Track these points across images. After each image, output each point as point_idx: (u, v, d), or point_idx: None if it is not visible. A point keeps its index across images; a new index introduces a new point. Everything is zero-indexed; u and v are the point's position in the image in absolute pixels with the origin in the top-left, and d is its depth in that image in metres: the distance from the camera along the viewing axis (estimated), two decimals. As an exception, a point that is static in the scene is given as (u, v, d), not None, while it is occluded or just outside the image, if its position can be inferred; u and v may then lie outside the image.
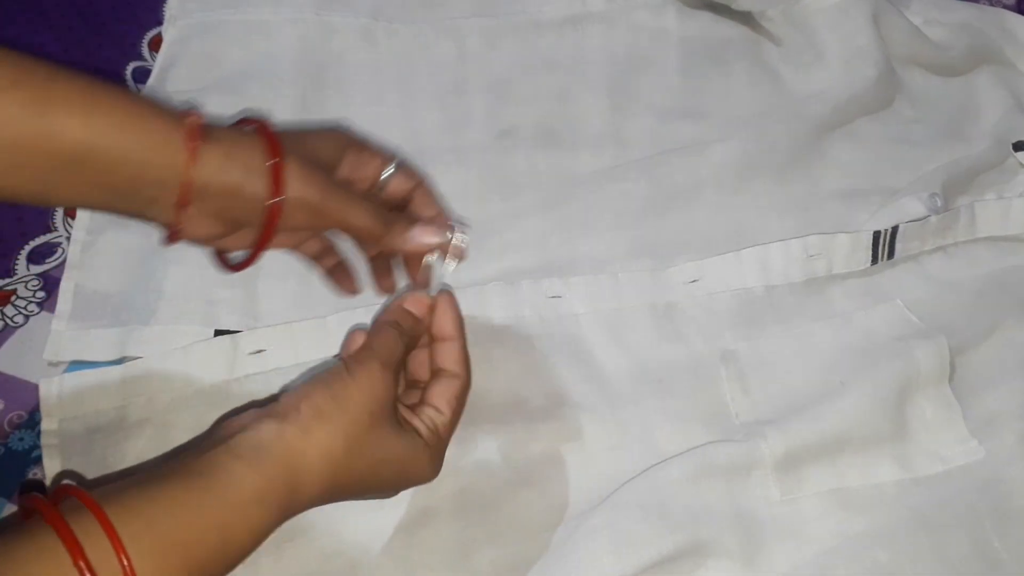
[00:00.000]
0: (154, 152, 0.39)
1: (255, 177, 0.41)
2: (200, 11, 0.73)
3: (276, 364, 0.55)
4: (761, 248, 0.60)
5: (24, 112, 0.37)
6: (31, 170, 0.38)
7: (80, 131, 0.38)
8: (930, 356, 0.55)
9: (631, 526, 0.49)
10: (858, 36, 0.72)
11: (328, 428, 0.39)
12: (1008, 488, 0.52)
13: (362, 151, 0.46)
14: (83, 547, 0.31)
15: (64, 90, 0.38)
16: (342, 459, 0.39)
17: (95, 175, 0.39)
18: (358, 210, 0.44)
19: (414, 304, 0.45)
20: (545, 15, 0.75)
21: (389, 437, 0.41)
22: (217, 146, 0.41)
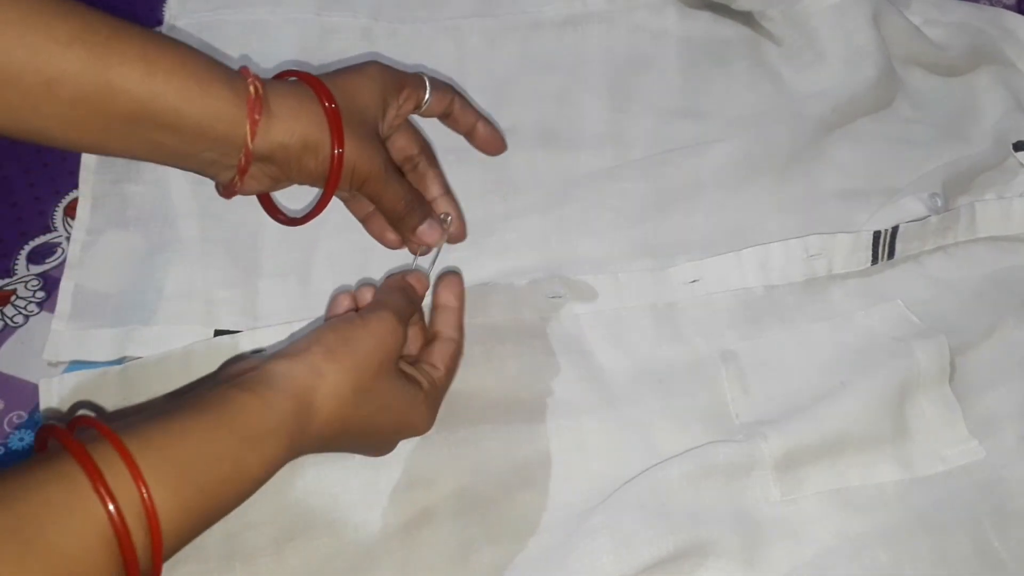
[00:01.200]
0: (215, 119, 0.39)
1: (315, 151, 0.43)
2: (200, 11, 0.73)
3: None
4: (761, 248, 0.60)
5: (85, 68, 0.37)
6: (91, 125, 0.38)
7: (139, 90, 0.38)
8: (930, 356, 0.55)
9: (631, 526, 0.49)
10: (858, 36, 0.72)
11: (337, 367, 0.39)
12: (1008, 488, 0.52)
13: (401, 84, 0.48)
14: (103, 474, 0.31)
15: (125, 47, 0.38)
16: (350, 398, 0.40)
17: (154, 134, 0.39)
18: (392, 194, 0.47)
19: (415, 279, 0.48)
20: (545, 15, 0.75)
21: (394, 384, 0.42)
22: (278, 118, 0.41)
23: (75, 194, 0.63)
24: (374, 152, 0.45)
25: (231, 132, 0.40)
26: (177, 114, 0.39)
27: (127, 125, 0.39)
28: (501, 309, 0.58)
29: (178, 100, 0.39)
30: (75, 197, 0.63)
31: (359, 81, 0.46)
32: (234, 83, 0.41)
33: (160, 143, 0.40)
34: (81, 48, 0.37)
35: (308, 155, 0.43)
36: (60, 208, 0.63)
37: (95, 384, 0.54)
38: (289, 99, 0.43)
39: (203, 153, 0.41)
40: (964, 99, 0.73)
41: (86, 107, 0.37)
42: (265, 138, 0.41)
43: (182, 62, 0.40)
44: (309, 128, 0.43)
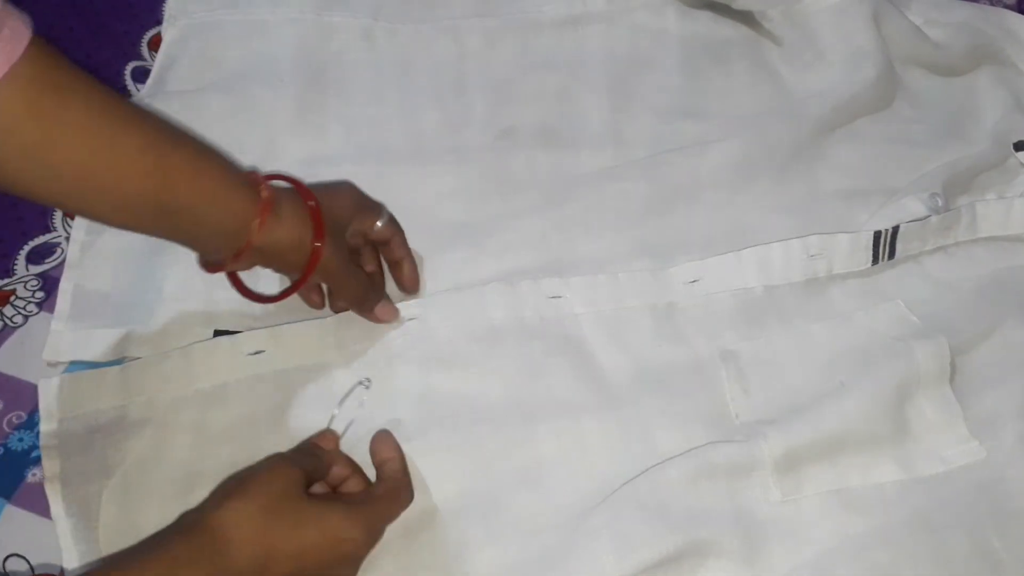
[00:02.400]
0: (235, 219, 0.49)
1: (298, 249, 0.51)
2: (199, 11, 0.73)
3: (275, 365, 0.55)
4: (762, 248, 0.60)
5: (151, 172, 0.46)
6: (139, 214, 0.47)
7: (187, 193, 0.47)
8: (930, 356, 0.55)
9: (631, 527, 0.49)
10: (858, 36, 0.72)
11: (237, 499, 0.44)
12: (1008, 488, 0.52)
13: (363, 208, 0.57)
14: None
15: (182, 159, 0.47)
16: (262, 521, 0.43)
17: (184, 224, 0.48)
18: (354, 285, 0.55)
19: (322, 439, 0.52)
20: (545, 15, 0.75)
21: (305, 504, 0.45)
22: (278, 222, 0.50)
23: (75, 194, 0.63)
24: (341, 252, 0.54)
25: (243, 228, 0.49)
26: (209, 211, 0.48)
27: (167, 215, 0.47)
28: (501, 309, 0.58)
29: (212, 201, 0.48)
30: (75, 197, 0.63)
31: (335, 196, 0.55)
32: (251, 189, 0.50)
33: (184, 230, 0.49)
34: (151, 154, 0.46)
35: (293, 252, 0.51)
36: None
37: (95, 384, 0.53)
38: (289, 205, 0.51)
39: (214, 240, 0.50)
40: (964, 99, 0.73)
41: (143, 200, 0.46)
42: (267, 235, 0.50)
43: (219, 169, 0.49)
44: (301, 230, 0.51)
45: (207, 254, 0.52)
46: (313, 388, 0.55)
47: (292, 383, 0.55)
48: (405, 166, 0.65)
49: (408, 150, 0.67)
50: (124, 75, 0.71)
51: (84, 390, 0.53)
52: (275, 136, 0.66)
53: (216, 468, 0.52)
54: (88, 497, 0.51)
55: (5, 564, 0.50)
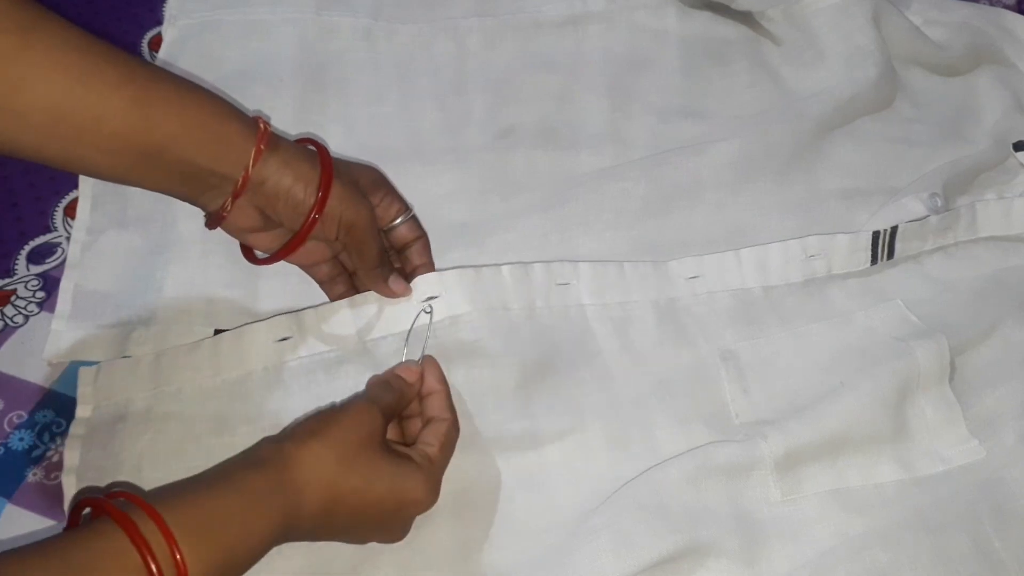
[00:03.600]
0: (228, 150, 0.46)
1: (304, 185, 0.48)
2: (200, 11, 0.73)
3: (299, 353, 0.55)
4: (760, 248, 0.60)
5: (129, 107, 0.43)
6: (124, 156, 0.44)
7: (173, 127, 0.44)
8: (930, 356, 0.55)
9: (631, 527, 0.49)
10: (858, 36, 0.72)
11: (318, 442, 0.44)
12: (1008, 488, 0.52)
13: (387, 194, 0.53)
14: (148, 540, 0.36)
15: (163, 91, 0.44)
16: (334, 466, 0.44)
17: (174, 163, 0.45)
18: (374, 243, 0.51)
19: (404, 370, 0.51)
20: (545, 15, 0.75)
21: (380, 456, 0.46)
22: (278, 153, 0.47)
23: (75, 194, 0.63)
24: (360, 204, 0.50)
25: (238, 162, 0.46)
26: (198, 146, 0.45)
27: (153, 155, 0.44)
28: (516, 293, 0.57)
29: (201, 134, 0.45)
30: (75, 197, 0.63)
31: (356, 166, 0.52)
32: (247, 123, 0.47)
33: (175, 171, 0.46)
34: (127, 89, 0.43)
35: (298, 188, 0.48)
36: (60, 208, 0.63)
37: (129, 373, 0.53)
38: (290, 145, 0.49)
39: (209, 179, 0.47)
40: (964, 99, 0.73)
41: (124, 139, 0.43)
42: (264, 168, 0.47)
43: (207, 103, 0.46)
44: (303, 167, 0.48)
45: (206, 202, 0.49)
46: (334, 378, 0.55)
47: (314, 372, 0.55)
48: (405, 166, 0.65)
49: (408, 150, 0.67)
50: (124, 75, 0.72)
51: (119, 379, 0.53)
52: (275, 136, 0.66)
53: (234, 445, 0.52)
54: (99, 493, 0.51)
55: (5, 564, 0.50)
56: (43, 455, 0.54)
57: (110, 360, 0.55)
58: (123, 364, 0.54)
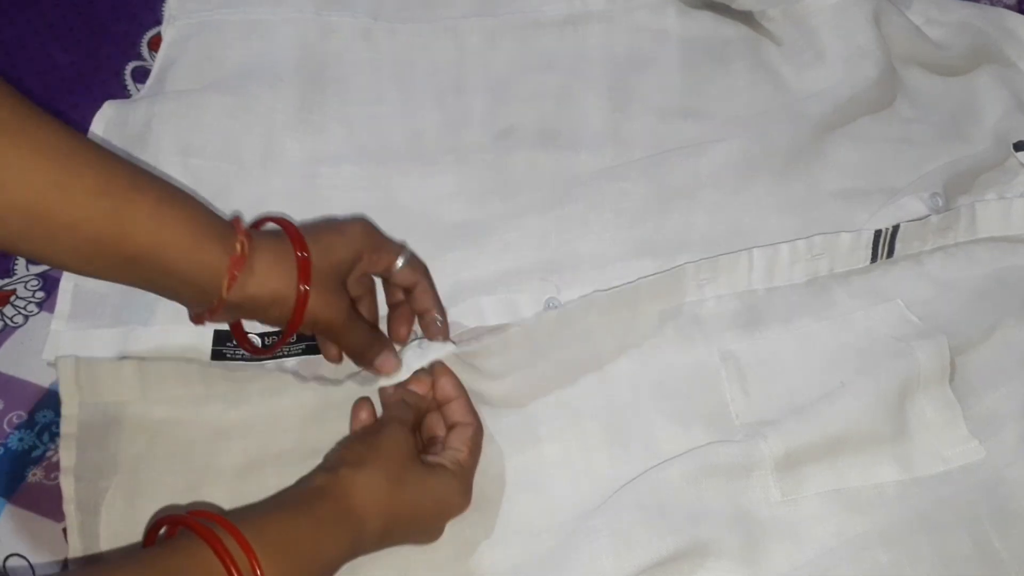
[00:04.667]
0: (202, 271, 0.46)
1: (280, 305, 0.48)
2: (199, 10, 0.73)
3: (294, 362, 0.55)
4: (770, 248, 0.60)
5: (105, 216, 0.43)
6: (99, 260, 0.44)
7: (146, 240, 0.44)
8: (930, 356, 0.55)
9: (631, 527, 0.49)
10: (858, 36, 0.72)
11: (370, 469, 0.46)
12: (1009, 488, 0.52)
13: (378, 248, 0.53)
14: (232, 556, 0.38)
15: (141, 201, 0.44)
16: (388, 489, 0.46)
17: (148, 274, 0.45)
18: (350, 337, 0.52)
19: (416, 384, 0.53)
20: (545, 15, 0.75)
21: (421, 472, 0.48)
22: (254, 276, 0.47)
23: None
24: (336, 303, 0.50)
25: (213, 282, 0.46)
26: (173, 262, 0.45)
27: (128, 263, 0.45)
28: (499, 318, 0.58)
29: (176, 251, 0.45)
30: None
31: (337, 238, 0.51)
32: (225, 239, 0.46)
33: (150, 280, 0.46)
34: (105, 199, 0.43)
35: (274, 307, 0.48)
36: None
37: (113, 375, 0.53)
38: (268, 255, 0.48)
39: (184, 292, 0.47)
40: (964, 99, 0.73)
41: (98, 246, 0.43)
42: (240, 291, 0.47)
43: (185, 218, 0.46)
44: (280, 284, 0.48)
45: (185, 305, 0.49)
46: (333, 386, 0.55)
47: (308, 386, 0.55)
48: (405, 166, 0.65)
49: (408, 150, 0.67)
50: (124, 75, 0.72)
51: (103, 379, 0.53)
52: (275, 136, 0.66)
53: (228, 464, 0.52)
54: (98, 492, 0.51)
55: (5, 564, 0.50)
56: (43, 455, 0.54)
57: (88, 358, 0.54)
58: (106, 365, 0.53)
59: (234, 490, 0.51)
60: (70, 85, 0.71)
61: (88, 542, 0.50)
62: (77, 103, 0.69)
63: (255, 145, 0.65)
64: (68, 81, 0.71)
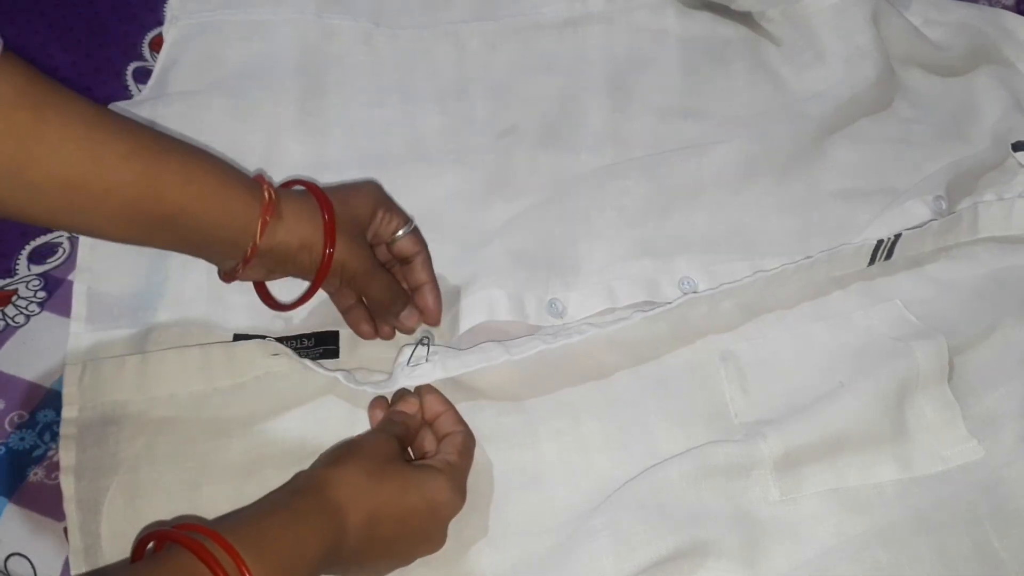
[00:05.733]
0: (234, 220, 0.48)
1: (309, 251, 0.50)
2: (201, 11, 0.73)
3: (294, 365, 0.55)
4: (777, 270, 0.59)
5: (137, 178, 0.45)
6: (134, 223, 0.46)
7: (178, 197, 0.46)
8: (930, 356, 0.55)
9: (631, 527, 0.49)
10: (858, 36, 0.72)
11: (348, 465, 0.46)
12: (1008, 488, 0.52)
13: (388, 211, 0.55)
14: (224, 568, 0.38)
15: (170, 163, 0.46)
16: (368, 483, 0.46)
17: (183, 231, 0.48)
18: (378, 286, 0.54)
19: (404, 404, 0.53)
20: (545, 17, 0.75)
21: (404, 469, 0.48)
22: (283, 221, 0.49)
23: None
24: (362, 252, 0.53)
25: (245, 230, 0.48)
26: (205, 216, 0.47)
27: (162, 223, 0.47)
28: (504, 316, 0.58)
29: (208, 205, 0.47)
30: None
31: (355, 194, 0.54)
32: (253, 190, 0.49)
33: (185, 238, 0.48)
34: (136, 161, 0.45)
35: (304, 253, 0.50)
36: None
37: (115, 372, 0.53)
38: (294, 205, 0.50)
39: (218, 246, 0.49)
40: (964, 99, 0.73)
41: (133, 209, 0.46)
42: (271, 237, 0.49)
43: (214, 172, 0.48)
44: (308, 230, 0.50)
45: (218, 262, 0.51)
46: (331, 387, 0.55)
47: (310, 381, 0.55)
48: (407, 168, 0.65)
49: (410, 154, 0.67)
50: (126, 75, 0.72)
51: (105, 378, 0.53)
52: (277, 138, 0.66)
53: (229, 461, 0.52)
54: (98, 491, 0.51)
55: (6, 564, 0.50)
56: (44, 455, 0.54)
57: (96, 359, 0.55)
58: (109, 364, 0.54)
59: (235, 489, 0.51)
60: (71, 85, 0.70)
61: (89, 541, 0.50)
62: (78, 103, 0.69)
63: (258, 147, 0.66)
64: (69, 81, 0.71)
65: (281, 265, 0.51)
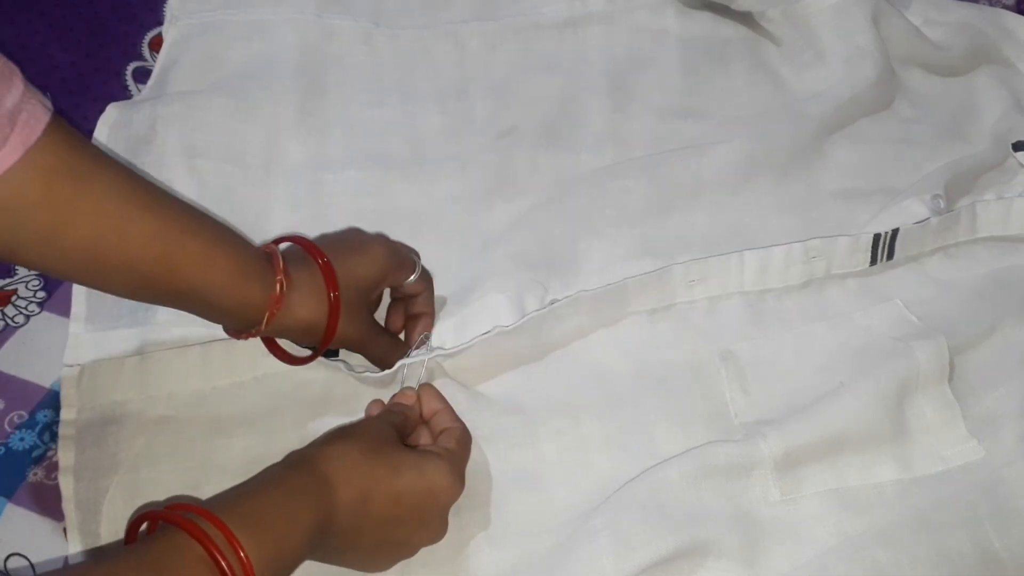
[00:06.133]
0: (244, 307, 0.50)
1: (312, 332, 0.52)
2: (201, 11, 0.73)
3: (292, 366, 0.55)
4: (763, 251, 0.60)
5: (159, 258, 0.47)
6: (149, 292, 0.49)
7: (195, 281, 0.48)
8: (930, 356, 0.55)
9: (631, 527, 0.49)
10: (858, 36, 0.72)
11: (342, 443, 0.47)
12: (1008, 488, 0.52)
13: (396, 270, 0.56)
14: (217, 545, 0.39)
15: (192, 247, 0.48)
16: (362, 459, 0.46)
17: (195, 306, 0.50)
18: (373, 349, 0.56)
19: (402, 396, 0.54)
20: (545, 17, 0.75)
21: (402, 451, 0.48)
22: (290, 310, 0.51)
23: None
24: (360, 323, 0.54)
25: (253, 317, 0.50)
26: (217, 299, 0.49)
27: (175, 297, 0.49)
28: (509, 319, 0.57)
29: (221, 291, 0.49)
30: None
31: (363, 259, 0.55)
32: (265, 279, 0.50)
33: (196, 310, 0.50)
34: (158, 244, 0.47)
35: (307, 335, 0.53)
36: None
37: (113, 374, 0.54)
38: (303, 290, 0.51)
39: (225, 321, 0.52)
40: (964, 99, 0.73)
41: (150, 282, 0.48)
42: (277, 324, 0.51)
43: (232, 260, 0.49)
44: (313, 317, 0.52)
45: (228, 327, 0.53)
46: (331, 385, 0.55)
47: (310, 381, 0.55)
48: (408, 170, 0.65)
49: (410, 154, 0.67)
50: (126, 75, 0.72)
51: (103, 380, 0.53)
52: (277, 138, 0.66)
53: (229, 461, 0.52)
54: (98, 492, 0.51)
55: (6, 563, 0.50)
56: (44, 455, 0.54)
57: (94, 361, 0.54)
58: (108, 365, 0.54)
59: None
60: (70, 85, 0.71)
61: (89, 541, 0.50)
62: (78, 103, 0.70)
63: (258, 147, 0.65)
64: (68, 81, 0.71)
65: (284, 337, 0.54)
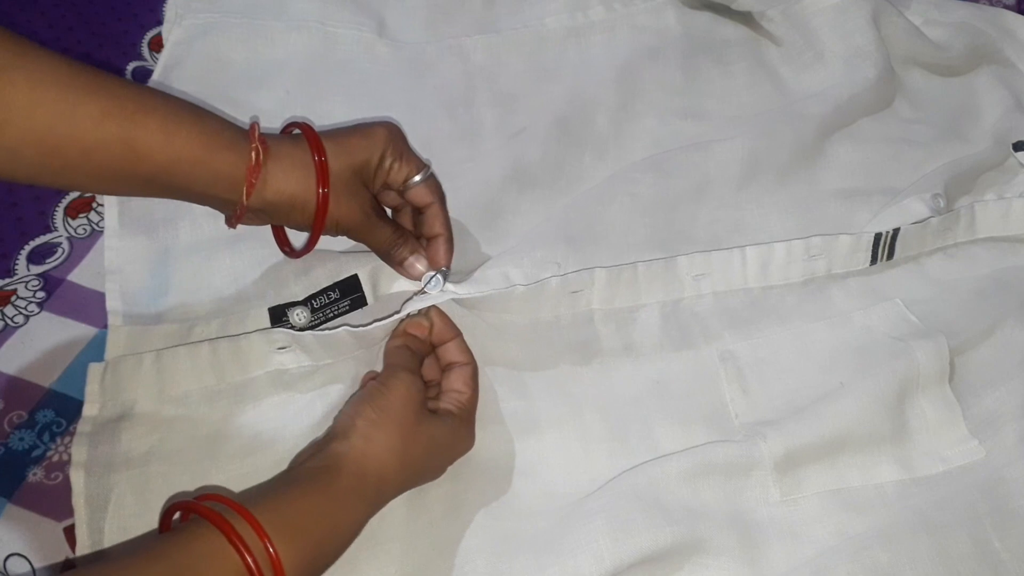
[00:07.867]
0: (219, 181, 0.47)
1: (301, 210, 0.50)
2: (204, 11, 0.72)
3: (301, 361, 0.55)
4: (765, 247, 0.60)
5: (114, 140, 0.44)
6: (117, 182, 0.46)
7: (159, 157, 0.45)
8: (930, 356, 0.55)
9: (628, 513, 0.49)
10: (858, 36, 0.72)
11: (383, 433, 0.46)
12: (1008, 488, 0.52)
13: (398, 158, 0.53)
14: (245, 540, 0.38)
15: (148, 120, 0.45)
16: (403, 450, 0.47)
17: (170, 189, 0.47)
18: (375, 237, 0.53)
19: (414, 327, 0.53)
20: (548, 28, 0.75)
21: (431, 424, 0.49)
22: (271, 182, 0.48)
23: (76, 194, 0.63)
24: (356, 205, 0.51)
25: (232, 190, 0.47)
26: (188, 177, 0.46)
27: (146, 182, 0.46)
28: (522, 308, 0.57)
29: (190, 166, 0.46)
30: (75, 197, 0.63)
31: (359, 139, 0.52)
32: (239, 148, 0.47)
33: (172, 194, 0.48)
34: (112, 123, 0.44)
35: (295, 211, 0.50)
36: (60, 208, 0.63)
37: (132, 370, 0.53)
38: (285, 162, 0.49)
39: (207, 201, 0.49)
40: (964, 99, 0.73)
41: (115, 169, 0.45)
42: (259, 197, 0.48)
43: (197, 131, 0.46)
44: (298, 189, 0.49)
45: (215, 209, 0.51)
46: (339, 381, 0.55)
47: (318, 373, 0.55)
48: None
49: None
50: (125, 76, 0.72)
51: (124, 377, 0.53)
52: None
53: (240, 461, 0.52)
54: (107, 488, 0.51)
55: (6, 564, 0.50)
56: (43, 455, 0.54)
57: (116, 357, 0.55)
58: (129, 361, 0.54)
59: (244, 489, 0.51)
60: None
61: (97, 537, 0.50)
62: (77, 103, 0.69)
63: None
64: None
65: (275, 219, 0.51)
